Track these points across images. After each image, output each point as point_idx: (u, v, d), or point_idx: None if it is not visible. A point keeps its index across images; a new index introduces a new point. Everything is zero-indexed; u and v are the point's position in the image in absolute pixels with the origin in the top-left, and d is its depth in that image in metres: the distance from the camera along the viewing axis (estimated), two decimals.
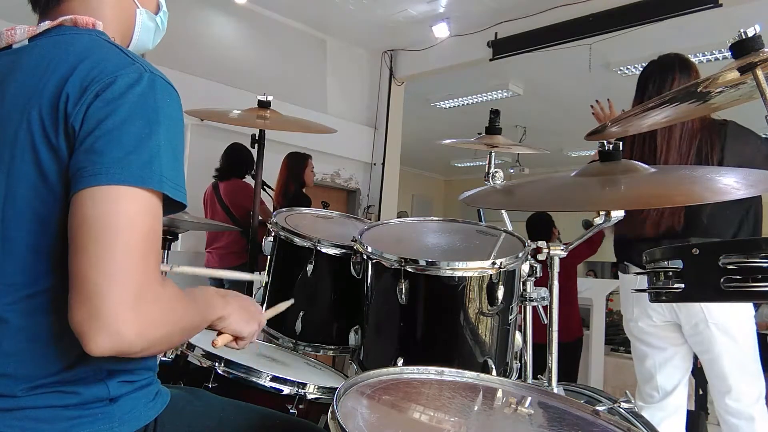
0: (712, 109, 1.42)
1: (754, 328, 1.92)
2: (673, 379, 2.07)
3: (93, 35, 0.84)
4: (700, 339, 1.93)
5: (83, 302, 0.68)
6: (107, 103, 0.74)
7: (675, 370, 2.07)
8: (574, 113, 6.78)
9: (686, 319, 1.93)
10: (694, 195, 1.16)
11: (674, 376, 2.07)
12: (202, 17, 4.55)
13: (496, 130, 2.06)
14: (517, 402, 1.00)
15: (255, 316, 0.99)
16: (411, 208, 10.55)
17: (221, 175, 3.80)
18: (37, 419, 0.76)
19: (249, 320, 0.97)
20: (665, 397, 2.07)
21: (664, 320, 2.01)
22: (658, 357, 2.07)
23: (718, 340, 1.88)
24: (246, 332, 0.97)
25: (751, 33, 1.08)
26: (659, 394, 2.08)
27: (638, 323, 2.07)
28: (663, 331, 2.04)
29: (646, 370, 2.11)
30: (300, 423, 1.12)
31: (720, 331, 1.88)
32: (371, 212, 5.60)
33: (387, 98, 5.66)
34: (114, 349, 0.69)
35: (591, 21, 4.19)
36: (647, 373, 2.11)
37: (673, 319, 1.99)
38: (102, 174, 0.71)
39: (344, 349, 1.56)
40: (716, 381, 1.93)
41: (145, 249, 0.72)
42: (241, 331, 0.96)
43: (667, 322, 2.01)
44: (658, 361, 2.07)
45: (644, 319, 2.05)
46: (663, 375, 2.07)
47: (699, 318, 1.90)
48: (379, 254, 1.30)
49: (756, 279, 0.90)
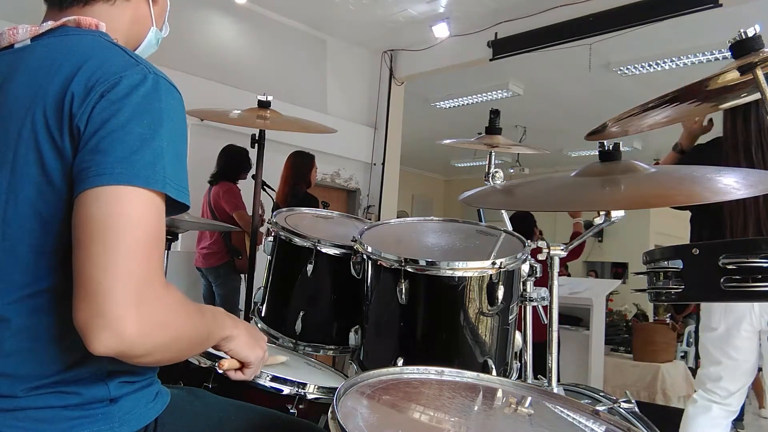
0: (712, 109, 1.42)
1: None
2: (739, 382, 2.10)
3: (96, 36, 0.84)
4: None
5: (87, 301, 0.69)
6: (112, 104, 0.74)
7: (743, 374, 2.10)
8: (574, 113, 6.79)
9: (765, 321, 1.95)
10: (694, 195, 1.16)
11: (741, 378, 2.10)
12: (202, 17, 4.55)
13: (496, 130, 2.06)
14: (517, 402, 1.00)
15: (260, 343, 1.00)
16: (411, 208, 10.55)
17: (213, 179, 3.84)
18: (38, 419, 0.76)
19: (254, 346, 0.97)
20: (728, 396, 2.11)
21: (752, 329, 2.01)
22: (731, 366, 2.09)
23: None
24: (252, 357, 0.97)
25: (751, 33, 1.08)
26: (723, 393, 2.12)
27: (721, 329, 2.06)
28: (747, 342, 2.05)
29: (715, 373, 2.13)
30: (300, 423, 1.12)
31: None
32: (371, 212, 5.60)
33: (387, 98, 5.66)
34: (116, 348, 0.69)
35: (591, 21, 4.19)
36: (715, 375, 2.13)
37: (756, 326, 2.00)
38: (106, 174, 0.71)
39: (344, 349, 1.56)
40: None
41: (149, 249, 0.72)
42: (247, 355, 0.96)
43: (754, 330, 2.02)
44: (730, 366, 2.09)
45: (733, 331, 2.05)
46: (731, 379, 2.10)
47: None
48: (379, 254, 1.30)
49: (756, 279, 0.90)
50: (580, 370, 4.02)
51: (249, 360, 0.97)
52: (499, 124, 2.08)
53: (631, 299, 7.12)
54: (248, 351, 0.96)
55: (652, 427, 1.40)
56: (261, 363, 1.00)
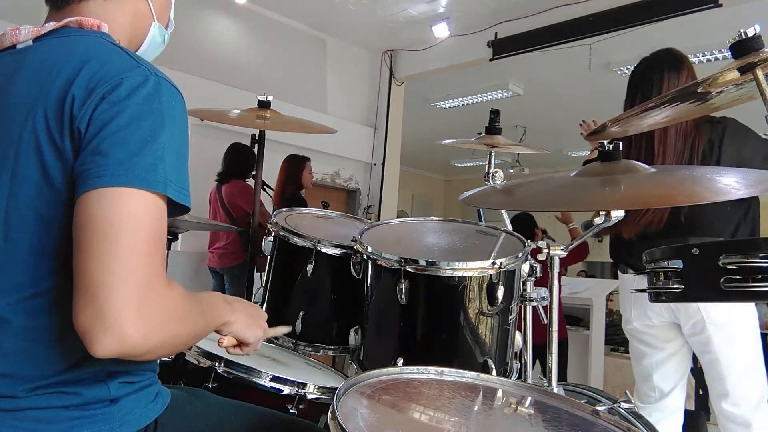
0: (712, 109, 1.41)
1: (757, 329, 1.88)
2: (670, 381, 2.06)
3: (98, 37, 0.84)
4: (698, 339, 1.91)
5: (88, 302, 0.68)
6: (113, 105, 0.74)
7: (672, 371, 2.05)
8: (574, 113, 6.76)
9: (685, 318, 1.92)
10: (694, 195, 1.16)
11: (671, 377, 2.06)
12: (203, 17, 4.55)
13: (496, 130, 2.06)
14: (517, 402, 1.00)
15: (259, 322, 1.00)
16: (411, 208, 10.55)
17: (222, 179, 3.83)
18: (38, 420, 0.76)
19: (253, 326, 0.98)
20: (662, 397, 2.06)
21: (663, 320, 2.00)
22: (655, 357, 2.06)
23: (716, 340, 1.86)
24: (251, 338, 0.98)
25: (751, 33, 1.08)
26: (656, 395, 2.07)
27: (635, 323, 2.06)
28: (661, 331, 2.02)
29: (644, 370, 2.10)
30: (300, 423, 1.12)
31: (718, 332, 1.85)
32: (371, 212, 5.60)
33: (387, 98, 5.66)
34: (119, 350, 0.69)
35: (591, 21, 4.19)
36: (644, 373, 2.10)
37: (671, 319, 1.97)
38: (107, 176, 0.71)
39: (344, 349, 1.56)
40: (714, 383, 1.91)
41: (150, 250, 0.72)
42: (246, 336, 0.97)
43: (666, 323, 2.00)
44: (655, 360, 2.06)
45: (642, 319, 2.04)
46: (660, 375, 2.06)
47: (697, 318, 1.87)
48: (379, 254, 1.30)
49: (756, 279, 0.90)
50: (580, 370, 4.02)
51: (248, 340, 0.98)
52: (499, 124, 2.07)
53: None
54: (247, 332, 0.97)
55: (652, 427, 1.40)
56: (260, 341, 1.01)
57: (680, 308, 1.92)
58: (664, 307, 1.96)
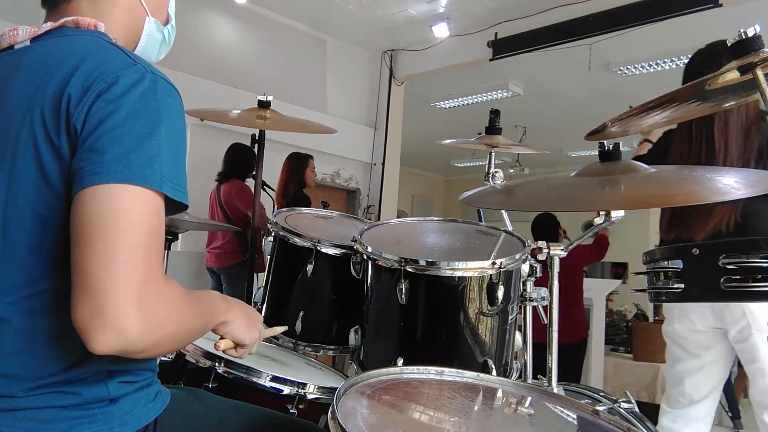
0: (712, 109, 1.41)
1: None
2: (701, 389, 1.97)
3: (94, 36, 0.84)
4: (744, 347, 1.83)
5: (86, 299, 0.68)
6: (109, 103, 0.74)
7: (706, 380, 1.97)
8: (574, 113, 6.79)
9: (731, 323, 1.83)
10: (694, 195, 1.16)
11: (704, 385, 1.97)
12: (203, 17, 4.55)
13: (496, 130, 2.06)
14: (517, 402, 1.00)
15: (256, 324, 1.00)
16: (411, 208, 10.55)
17: (222, 178, 3.83)
18: (38, 419, 0.76)
19: (250, 327, 0.97)
20: (690, 405, 1.99)
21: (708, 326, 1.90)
22: (690, 363, 1.98)
23: (762, 349, 1.78)
24: (247, 339, 0.97)
25: (751, 33, 1.08)
26: (684, 401, 2.00)
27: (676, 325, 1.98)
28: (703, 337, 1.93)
29: (676, 374, 2.02)
30: (300, 423, 1.12)
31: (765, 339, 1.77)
32: (371, 212, 5.60)
33: (387, 98, 5.66)
34: (117, 346, 0.69)
35: (591, 21, 4.19)
36: (676, 377, 2.02)
37: (717, 325, 1.88)
38: (103, 172, 0.71)
39: (344, 349, 1.56)
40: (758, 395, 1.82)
41: (148, 246, 0.72)
42: (243, 338, 0.96)
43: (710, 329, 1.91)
44: (690, 367, 1.98)
45: (684, 322, 1.94)
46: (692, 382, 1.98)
47: (743, 324, 1.79)
48: (379, 254, 1.30)
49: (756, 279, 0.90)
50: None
51: (244, 342, 0.98)
52: (499, 124, 2.07)
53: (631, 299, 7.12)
54: (244, 333, 0.96)
55: (652, 427, 1.40)
56: (256, 343, 1.01)
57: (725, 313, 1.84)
58: (710, 312, 1.88)
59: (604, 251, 3.88)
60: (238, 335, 0.96)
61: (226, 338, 0.96)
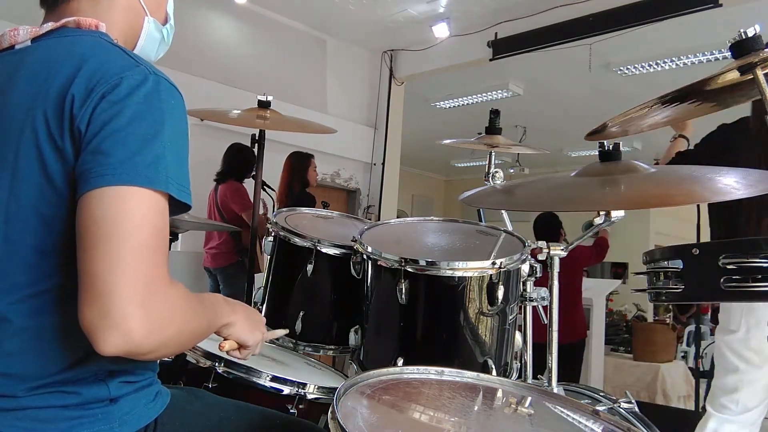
0: (712, 109, 1.41)
1: None
2: (757, 398, 1.93)
3: (96, 36, 0.84)
4: None
5: (93, 300, 0.69)
6: (112, 105, 0.74)
7: (763, 389, 1.93)
8: (574, 113, 6.79)
9: None
10: (694, 195, 1.16)
11: (760, 394, 1.93)
12: (203, 17, 4.55)
13: (496, 130, 2.06)
14: (517, 402, 1.00)
15: (259, 326, 1.01)
16: (411, 208, 10.55)
17: (220, 178, 3.84)
18: (38, 419, 0.76)
19: (253, 329, 0.98)
20: (744, 412, 1.94)
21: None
22: (751, 374, 1.92)
23: None
24: (250, 341, 0.98)
25: (751, 33, 1.08)
26: (737, 408, 1.94)
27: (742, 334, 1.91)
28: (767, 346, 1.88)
29: (731, 383, 1.95)
30: (300, 423, 1.12)
31: None
32: (371, 212, 5.60)
33: (387, 98, 5.66)
34: (124, 348, 0.69)
35: (591, 21, 4.19)
36: (731, 386, 1.95)
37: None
38: (108, 175, 0.72)
39: (344, 349, 1.56)
40: None
41: (153, 248, 0.72)
42: (246, 339, 0.97)
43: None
44: (749, 377, 1.92)
45: (754, 331, 1.88)
46: (748, 392, 1.93)
47: None
48: (379, 254, 1.30)
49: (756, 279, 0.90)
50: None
51: (248, 343, 0.98)
52: (499, 124, 2.07)
53: (631, 299, 7.12)
54: (247, 335, 0.97)
55: (652, 427, 1.40)
56: (259, 345, 1.01)
57: None
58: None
59: (604, 253, 3.88)
60: (242, 337, 0.96)
61: (229, 339, 0.96)
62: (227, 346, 0.97)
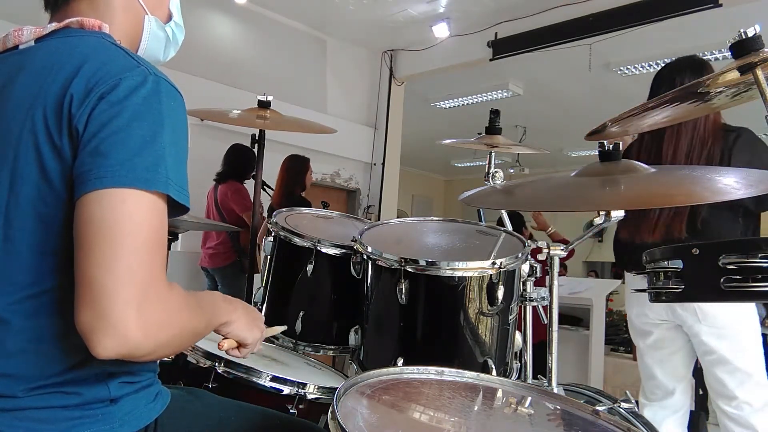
0: (712, 109, 1.41)
1: (758, 330, 1.85)
2: (673, 379, 2.05)
3: (98, 37, 0.84)
4: (698, 341, 1.90)
5: (90, 304, 0.69)
6: (111, 106, 0.74)
7: (675, 370, 2.05)
8: (574, 113, 6.79)
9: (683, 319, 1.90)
10: (694, 195, 1.16)
11: (674, 375, 2.05)
12: (202, 17, 4.55)
13: (496, 130, 2.06)
14: (517, 402, 1.00)
15: (258, 324, 1.00)
16: (411, 208, 10.55)
17: (220, 178, 3.84)
18: (38, 420, 0.76)
19: (252, 327, 0.98)
20: (667, 396, 2.06)
21: (661, 319, 1.99)
22: (656, 355, 2.06)
23: (714, 342, 1.84)
24: (249, 338, 0.98)
25: (751, 33, 1.08)
26: (660, 392, 2.07)
27: (636, 321, 2.07)
28: (662, 330, 2.02)
29: (647, 367, 2.10)
30: (300, 423, 1.12)
31: (716, 334, 1.83)
32: (371, 212, 5.60)
33: (387, 98, 5.66)
34: (120, 351, 0.69)
35: (591, 21, 4.19)
36: (648, 371, 2.10)
37: (670, 319, 1.96)
38: (107, 177, 0.71)
39: (344, 349, 1.56)
40: (716, 385, 1.89)
41: (151, 251, 0.72)
42: (245, 337, 0.97)
43: (665, 321, 1.99)
44: (657, 358, 2.06)
45: (641, 317, 2.04)
46: (663, 373, 2.06)
47: (693, 319, 1.86)
48: (379, 254, 1.30)
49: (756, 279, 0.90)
50: (580, 370, 4.01)
51: (247, 341, 0.98)
52: (499, 124, 2.07)
53: None
54: (246, 333, 0.97)
55: (652, 427, 1.40)
56: (258, 342, 1.01)
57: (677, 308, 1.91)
58: (662, 307, 1.95)
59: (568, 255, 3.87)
60: (241, 334, 0.96)
61: (228, 338, 0.96)
62: (226, 344, 0.97)
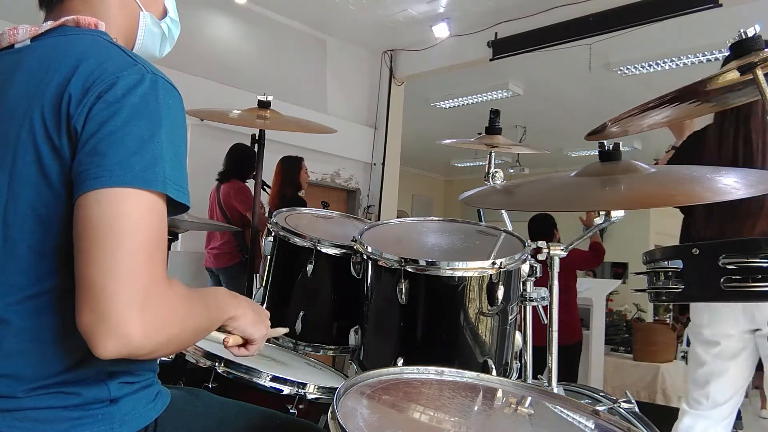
0: (712, 109, 1.41)
1: None
2: (726, 392, 1.96)
3: (95, 35, 0.84)
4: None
5: (90, 305, 0.68)
6: (109, 105, 0.74)
7: (731, 382, 1.95)
8: (574, 113, 6.79)
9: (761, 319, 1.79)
10: (694, 195, 1.16)
11: (729, 388, 1.95)
12: (202, 17, 4.55)
13: (496, 130, 2.06)
14: (517, 402, 1.00)
15: (264, 319, 0.99)
16: (411, 208, 10.55)
17: (222, 178, 3.84)
18: (38, 420, 0.76)
19: (258, 322, 0.97)
20: (714, 407, 1.97)
21: (740, 330, 1.88)
22: (717, 366, 1.94)
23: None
24: (256, 334, 0.97)
25: (751, 33, 1.08)
26: (708, 403, 1.97)
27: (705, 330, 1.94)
28: (732, 341, 1.91)
29: (701, 377, 1.98)
30: (300, 423, 1.12)
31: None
32: (371, 212, 5.60)
33: (387, 98, 5.66)
34: (123, 351, 0.69)
35: (591, 21, 4.19)
36: (701, 380, 1.98)
37: (749, 327, 1.85)
38: (105, 176, 0.71)
39: (344, 349, 1.56)
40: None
41: (151, 250, 0.72)
42: (252, 332, 0.96)
43: (741, 333, 1.88)
44: (717, 370, 1.94)
45: (716, 326, 1.91)
46: (717, 385, 1.95)
47: None
48: (379, 254, 1.30)
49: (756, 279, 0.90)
50: (580, 370, 4.02)
51: (253, 337, 0.97)
52: (499, 124, 2.08)
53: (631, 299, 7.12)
54: (252, 329, 0.96)
55: (652, 427, 1.40)
56: (264, 339, 1.00)
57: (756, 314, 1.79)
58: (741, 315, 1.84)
59: (601, 257, 3.83)
60: (247, 330, 0.95)
61: (234, 334, 0.95)
62: (232, 341, 0.95)
